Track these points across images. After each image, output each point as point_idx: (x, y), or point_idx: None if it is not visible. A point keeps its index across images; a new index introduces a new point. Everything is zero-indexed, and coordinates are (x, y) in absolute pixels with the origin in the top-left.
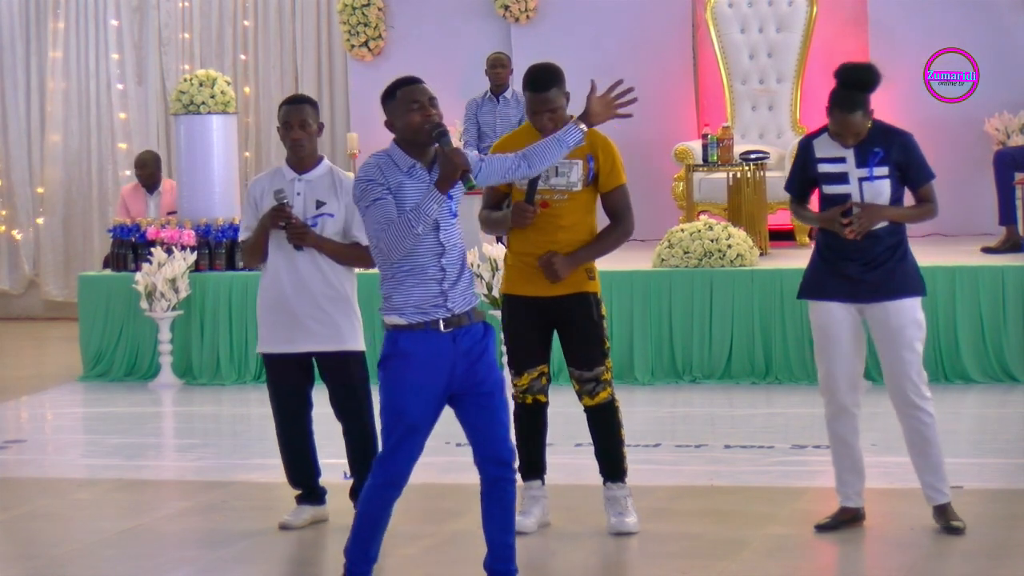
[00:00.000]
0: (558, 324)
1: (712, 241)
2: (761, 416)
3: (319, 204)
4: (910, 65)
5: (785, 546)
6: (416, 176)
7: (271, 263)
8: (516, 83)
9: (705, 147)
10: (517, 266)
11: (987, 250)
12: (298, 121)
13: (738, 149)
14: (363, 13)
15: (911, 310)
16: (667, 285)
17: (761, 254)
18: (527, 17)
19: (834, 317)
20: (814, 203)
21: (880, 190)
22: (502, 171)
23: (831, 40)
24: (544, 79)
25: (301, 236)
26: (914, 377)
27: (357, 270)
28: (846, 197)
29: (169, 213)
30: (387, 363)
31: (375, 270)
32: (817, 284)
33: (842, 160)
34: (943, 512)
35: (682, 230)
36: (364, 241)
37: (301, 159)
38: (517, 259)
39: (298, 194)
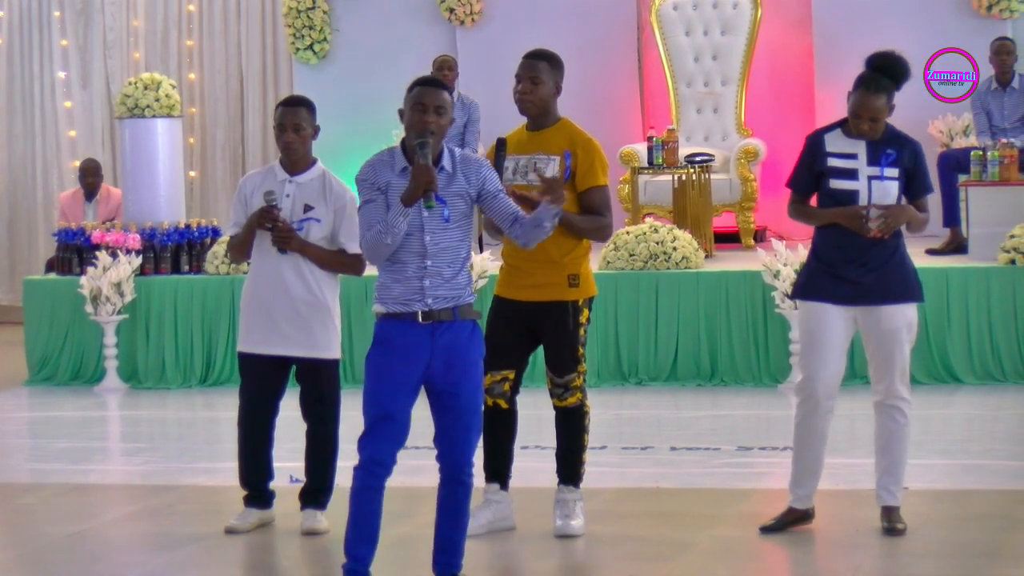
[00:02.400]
0: (536, 328)
1: (657, 243)
2: (707, 418)
3: (307, 208)
4: (854, 67)
5: (731, 547)
6: (407, 178)
7: (255, 263)
8: (462, 85)
9: (650, 149)
10: (505, 268)
11: (931, 252)
12: (292, 124)
13: (683, 152)
14: (308, 16)
15: (905, 313)
16: (613, 287)
17: (706, 256)
18: (472, 20)
19: (826, 320)
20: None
21: (888, 190)
22: (500, 217)
23: (776, 43)
24: (539, 53)
25: (286, 240)
26: (897, 376)
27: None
28: (853, 194)
29: (106, 220)
30: (371, 350)
31: (360, 276)
32: (812, 285)
33: (853, 156)
34: (889, 514)
35: (627, 232)
36: (350, 249)
37: (294, 161)
38: (505, 261)
39: (287, 196)
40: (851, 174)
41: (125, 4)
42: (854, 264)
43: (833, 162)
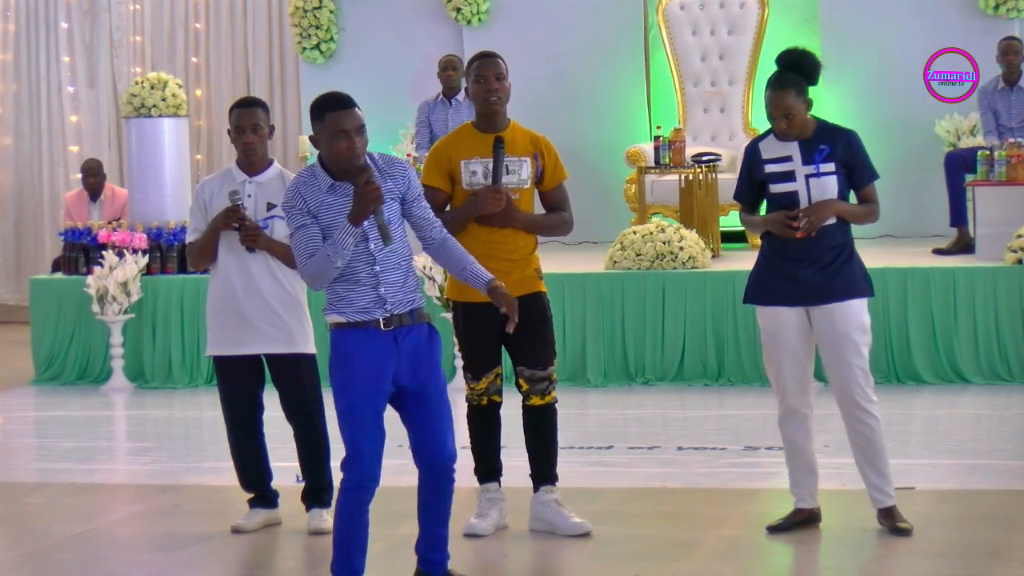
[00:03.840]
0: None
1: (664, 243)
2: (713, 418)
3: (270, 206)
4: (862, 67)
5: (738, 547)
6: (339, 193)
7: (221, 265)
8: None
9: (657, 149)
10: None
11: (938, 251)
12: (250, 125)
13: (690, 151)
14: (315, 16)
15: (857, 314)
16: (619, 287)
17: (713, 256)
18: (479, 19)
19: (781, 321)
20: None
21: (828, 186)
22: (420, 224)
23: (783, 42)
24: (493, 53)
25: (254, 238)
26: (860, 381)
27: None
28: (793, 195)
29: (112, 220)
30: (334, 364)
31: None
32: (762, 288)
33: (788, 159)
34: (889, 514)
35: (634, 232)
36: None
37: (252, 162)
38: None
39: (249, 196)
40: (788, 176)
41: (131, 3)
42: (799, 263)
43: (770, 168)
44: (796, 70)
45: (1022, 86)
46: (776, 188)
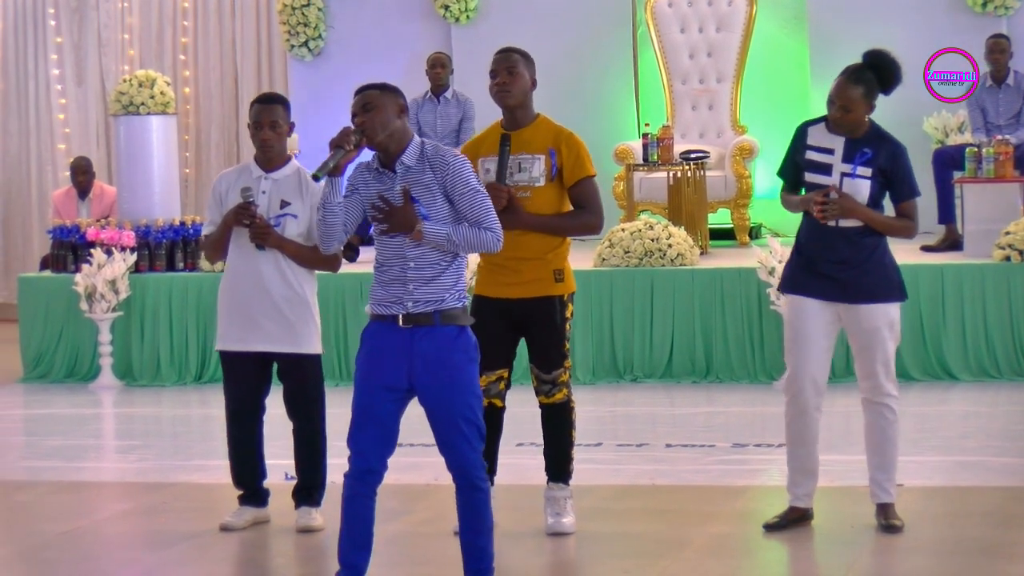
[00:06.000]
0: (522, 325)
1: (653, 240)
2: (702, 415)
3: (284, 204)
4: (849, 63)
5: (727, 545)
6: (379, 179)
7: (231, 261)
8: (456, 83)
9: (645, 147)
10: (486, 267)
11: (926, 248)
12: (268, 121)
13: (678, 149)
14: (303, 13)
15: (885, 313)
16: (608, 284)
17: (701, 253)
18: (467, 17)
19: (807, 314)
20: None
21: (858, 189)
22: (464, 218)
23: (771, 40)
24: (511, 48)
25: (263, 236)
26: (880, 373)
27: (318, 272)
28: (824, 189)
29: (100, 218)
30: (358, 351)
31: (336, 273)
32: (793, 279)
33: (830, 151)
34: (885, 510)
35: (623, 229)
36: None
37: (269, 158)
38: (486, 259)
39: (263, 192)
40: (825, 169)
41: (119, 1)
42: (831, 260)
43: (811, 155)
44: (875, 71)
45: (1010, 83)
46: (810, 178)
